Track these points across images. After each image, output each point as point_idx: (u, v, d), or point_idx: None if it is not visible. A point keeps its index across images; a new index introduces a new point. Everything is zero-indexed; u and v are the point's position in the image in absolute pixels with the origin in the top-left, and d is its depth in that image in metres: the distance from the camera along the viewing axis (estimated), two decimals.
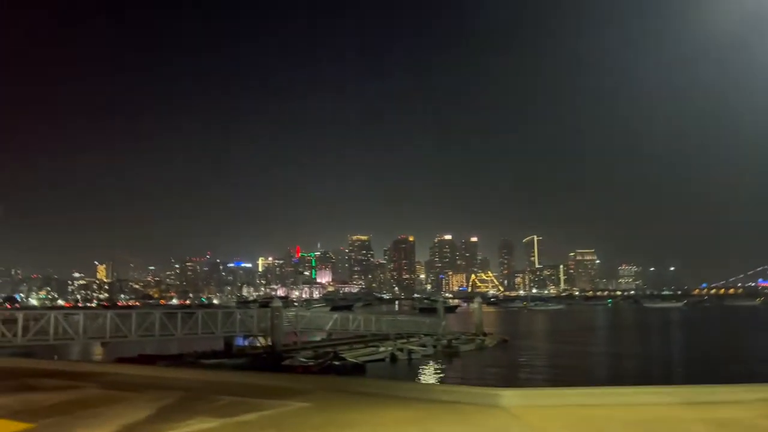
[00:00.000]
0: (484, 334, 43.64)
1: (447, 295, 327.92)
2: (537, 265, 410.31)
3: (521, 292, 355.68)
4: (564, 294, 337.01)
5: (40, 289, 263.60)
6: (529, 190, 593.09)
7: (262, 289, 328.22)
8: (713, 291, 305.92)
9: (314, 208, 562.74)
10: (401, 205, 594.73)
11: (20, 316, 26.71)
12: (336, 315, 38.03)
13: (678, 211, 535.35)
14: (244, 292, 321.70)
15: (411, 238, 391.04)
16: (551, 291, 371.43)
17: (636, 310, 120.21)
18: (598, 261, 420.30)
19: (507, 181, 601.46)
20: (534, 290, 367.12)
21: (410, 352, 34.55)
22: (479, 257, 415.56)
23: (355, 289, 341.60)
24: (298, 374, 20.15)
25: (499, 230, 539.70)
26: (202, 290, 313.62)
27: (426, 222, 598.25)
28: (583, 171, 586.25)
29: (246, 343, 36.54)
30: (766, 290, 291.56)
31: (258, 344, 34.91)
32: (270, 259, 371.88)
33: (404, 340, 38.93)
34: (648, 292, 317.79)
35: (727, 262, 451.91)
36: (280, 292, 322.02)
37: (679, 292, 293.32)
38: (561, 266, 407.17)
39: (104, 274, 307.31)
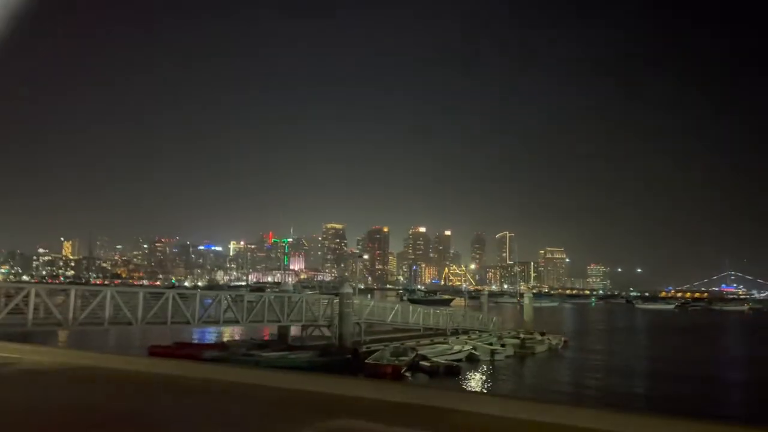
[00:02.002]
0: (542, 333, 40.89)
1: (420, 287, 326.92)
2: (508, 261, 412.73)
3: (493, 287, 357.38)
4: (534, 291, 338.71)
5: (2, 263, 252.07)
6: (503, 188, 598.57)
7: (234, 273, 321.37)
8: (679, 294, 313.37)
9: (288, 194, 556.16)
10: (377, 197, 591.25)
11: (72, 291, 22.61)
12: (398, 306, 34.93)
13: (645, 218, 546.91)
14: (214, 275, 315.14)
15: (386, 229, 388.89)
16: (521, 288, 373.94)
17: (630, 310, 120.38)
18: (568, 260, 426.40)
19: (482, 178, 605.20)
20: (505, 286, 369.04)
21: (493, 352, 31.46)
22: (452, 251, 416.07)
23: (328, 278, 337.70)
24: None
25: (472, 225, 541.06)
26: (171, 272, 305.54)
27: (401, 214, 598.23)
28: (557, 172, 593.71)
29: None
30: (729, 295, 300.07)
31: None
32: (242, 243, 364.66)
33: (466, 337, 36.19)
34: (615, 292, 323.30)
35: (689, 267, 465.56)
36: (252, 278, 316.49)
37: (647, 294, 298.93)
38: (532, 263, 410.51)
39: (70, 251, 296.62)
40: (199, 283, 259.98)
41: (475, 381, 26.13)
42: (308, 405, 6.45)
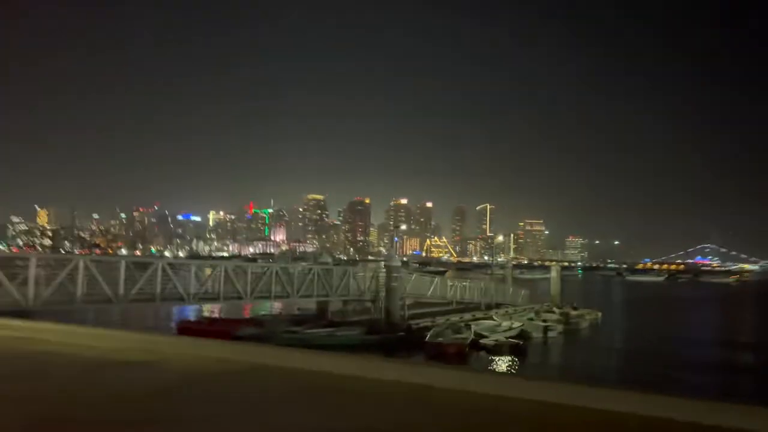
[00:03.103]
0: (574, 308, 39.77)
1: (404, 259, 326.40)
2: (489, 233, 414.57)
3: (474, 259, 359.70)
4: (515, 263, 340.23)
5: None
6: (484, 160, 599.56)
7: (215, 244, 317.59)
8: (656, 266, 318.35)
9: (269, 164, 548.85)
10: (358, 168, 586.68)
11: (123, 264, 20.40)
12: (436, 279, 33.62)
13: (622, 190, 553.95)
14: (195, 246, 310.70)
15: (367, 201, 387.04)
16: (501, 259, 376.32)
17: (622, 282, 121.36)
18: (547, 232, 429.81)
19: (463, 149, 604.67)
20: (485, 257, 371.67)
21: (546, 329, 29.80)
22: (433, 223, 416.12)
23: (310, 249, 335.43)
24: None
25: (453, 197, 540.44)
26: (150, 242, 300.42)
27: (382, 186, 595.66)
28: (536, 145, 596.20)
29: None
30: (703, 267, 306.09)
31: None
32: (221, 213, 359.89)
33: (503, 311, 35.15)
34: (594, 264, 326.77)
35: (665, 240, 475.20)
36: (233, 248, 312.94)
37: (624, 265, 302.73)
38: (512, 235, 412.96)
39: (45, 219, 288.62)
40: (180, 254, 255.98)
41: (546, 362, 24.64)
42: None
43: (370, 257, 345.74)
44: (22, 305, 17.66)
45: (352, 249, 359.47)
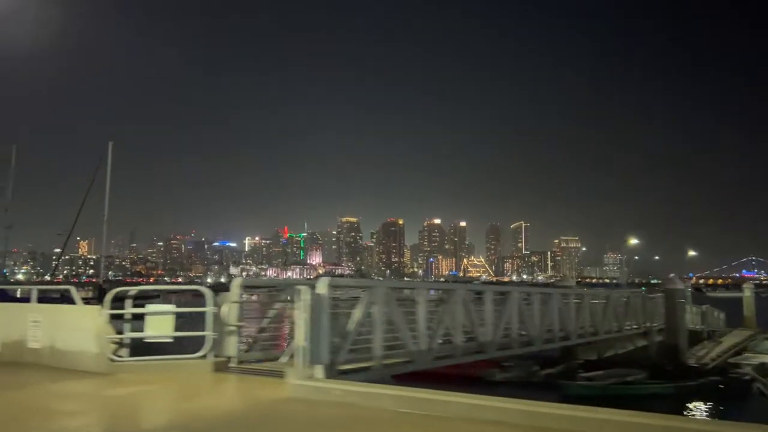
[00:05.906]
0: None
1: (441, 279, 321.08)
2: (524, 251, 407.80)
3: (514, 278, 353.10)
4: (553, 280, 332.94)
5: (22, 264, 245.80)
6: (517, 178, 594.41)
7: (254, 269, 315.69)
8: (702, 281, 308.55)
9: (302, 188, 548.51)
10: (390, 189, 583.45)
11: (460, 292, 15.38)
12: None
13: (661, 203, 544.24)
14: (232, 271, 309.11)
15: (400, 222, 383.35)
16: (539, 277, 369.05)
17: (702, 297, 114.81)
18: (584, 248, 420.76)
19: (495, 167, 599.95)
20: (524, 276, 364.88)
21: None
22: (467, 242, 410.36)
23: (346, 272, 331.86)
24: None
25: (486, 216, 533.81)
26: (188, 269, 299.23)
27: (415, 206, 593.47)
28: (569, 161, 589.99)
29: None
30: (751, 281, 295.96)
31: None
32: (257, 239, 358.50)
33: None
34: (633, 280, 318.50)
35: (705, 254, 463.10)
36: (270, 273, 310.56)
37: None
38: (549, 252, 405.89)
39: (86, 250, 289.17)
40: (222, 280, 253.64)
41: None
42: None
43: (406, 278, 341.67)
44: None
45: (387, 270, 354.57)
